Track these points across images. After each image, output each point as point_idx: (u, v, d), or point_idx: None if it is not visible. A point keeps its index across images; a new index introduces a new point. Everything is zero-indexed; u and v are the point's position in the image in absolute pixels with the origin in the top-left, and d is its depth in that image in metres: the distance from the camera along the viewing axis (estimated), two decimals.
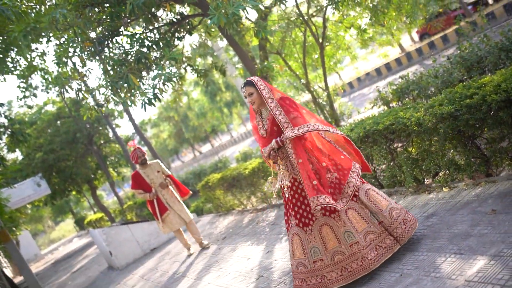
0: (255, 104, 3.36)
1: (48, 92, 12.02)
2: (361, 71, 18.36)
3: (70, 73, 7.27)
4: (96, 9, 6.42)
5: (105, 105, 6.87)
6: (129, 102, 6.04)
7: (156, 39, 6.61)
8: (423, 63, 18.69)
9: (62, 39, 7.20)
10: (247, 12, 5.15)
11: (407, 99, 6.57)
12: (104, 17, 6.34)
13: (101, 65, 6.41)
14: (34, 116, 18.80)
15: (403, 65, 22.24)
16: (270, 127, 3.34)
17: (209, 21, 4.91)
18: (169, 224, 6.35)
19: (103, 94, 6.54)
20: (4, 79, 10.41)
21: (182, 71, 8.27)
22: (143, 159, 6.36)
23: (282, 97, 3.36)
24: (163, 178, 6.41)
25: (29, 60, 9.77)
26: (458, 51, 5.79)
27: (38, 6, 6.84)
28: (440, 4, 17.01)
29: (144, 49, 6.35)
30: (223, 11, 4.76)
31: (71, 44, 6.37)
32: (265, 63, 7.30)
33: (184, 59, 8.05)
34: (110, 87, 6.13)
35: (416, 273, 2.81)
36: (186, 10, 8.97)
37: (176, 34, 7.25)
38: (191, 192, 6.69)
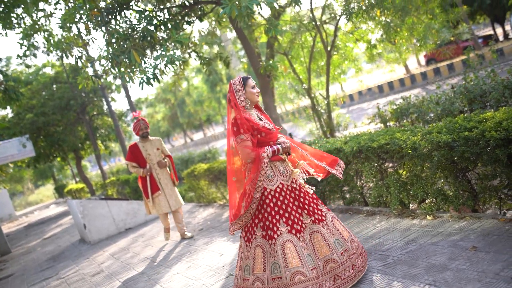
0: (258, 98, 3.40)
1: (48, 55, 11.78)
2: (363, 85, 18.37)
3: (73, 39, 7.14)
4: None
5: (103, 77, 6.74)
6: (127, 78, 5.92)
7: (165, 20, 6.50)
8: (426, 88, 18.75)
9: (70, 4, 7.07)
10: (261, 8, 5.07)
11: (405, 120, 6.56)
12: None
13: (106, 36, 6.29)
14: (31, 76, 18.54)
15: (406, 86, 22.32)
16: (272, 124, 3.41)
17: (221, 10, 4.82)
18: (157, 206, 6.07)
19: (102, 65, 6.42)
20: (6, 34, 10.19)
21: (186, 55, 8.17)
22: (145, 132, 6.12)
23: None
24: (161, 157, 6.21)
25: (34, 18, 9.58)
26: (463, 82, 5.78)
27: None
28: (452, 32, 17.10)
29: (151, 28, 6.24)
30: (236, 2, 4.68)
31: (78, 10, 6.24)
32: (271, 61, 7.24)
33: (190, 44, 7.94)
34: (110, 60, 6.01)
35: None
36: None
37: (186, 18, 7.14)
38: (177, 182, 6.52)
